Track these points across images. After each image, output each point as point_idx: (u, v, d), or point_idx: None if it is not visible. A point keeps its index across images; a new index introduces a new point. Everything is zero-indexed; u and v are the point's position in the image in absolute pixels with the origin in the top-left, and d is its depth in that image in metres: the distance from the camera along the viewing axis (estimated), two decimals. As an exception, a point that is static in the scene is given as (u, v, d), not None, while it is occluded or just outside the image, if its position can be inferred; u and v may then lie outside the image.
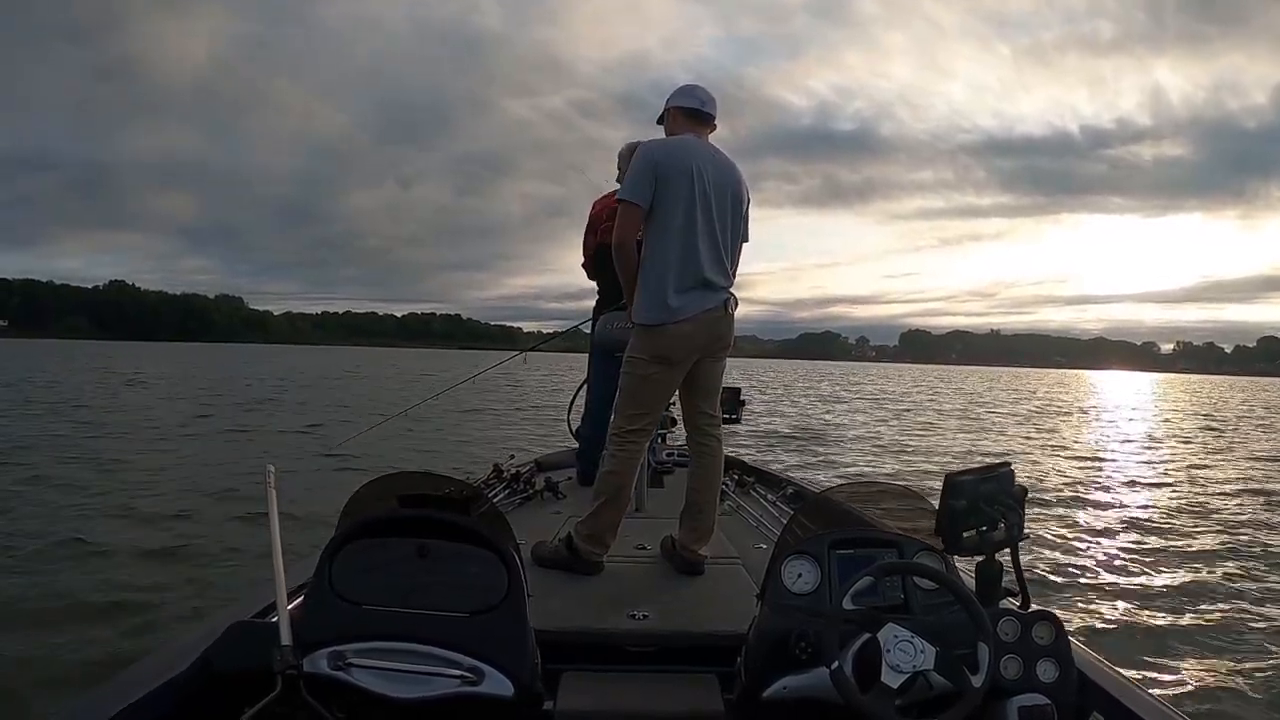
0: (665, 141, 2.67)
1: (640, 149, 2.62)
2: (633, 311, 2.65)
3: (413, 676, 1.39)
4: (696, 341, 2.62)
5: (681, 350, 2.60)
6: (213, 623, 1.63)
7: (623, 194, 2.58)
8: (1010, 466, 1.72)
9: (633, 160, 2.61)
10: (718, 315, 2.64)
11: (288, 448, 10.83)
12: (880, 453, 13.06)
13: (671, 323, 2.55)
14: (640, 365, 2.62)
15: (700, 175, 2.58)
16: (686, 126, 2.72)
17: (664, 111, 2.79)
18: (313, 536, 2.95)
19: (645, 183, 2.55)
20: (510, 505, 3.54)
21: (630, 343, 2.66)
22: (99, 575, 4.70)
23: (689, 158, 2.58)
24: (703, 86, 2.76)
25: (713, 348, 2.68)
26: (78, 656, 3.50)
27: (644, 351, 2.61)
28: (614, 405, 2.72)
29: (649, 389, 2.63)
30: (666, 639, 2.06)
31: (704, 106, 2.72)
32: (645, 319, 2.59)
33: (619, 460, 2.65)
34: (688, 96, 2.73)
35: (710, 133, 2.78)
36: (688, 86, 2.76)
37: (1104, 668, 1.70)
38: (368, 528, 1.55)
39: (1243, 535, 7.12)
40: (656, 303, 2.56)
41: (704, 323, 2.60)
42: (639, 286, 2.63)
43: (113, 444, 10.60)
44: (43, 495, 6.95)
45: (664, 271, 2.56)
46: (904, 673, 1.42)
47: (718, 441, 2.80)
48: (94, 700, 1.42)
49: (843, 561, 1.66)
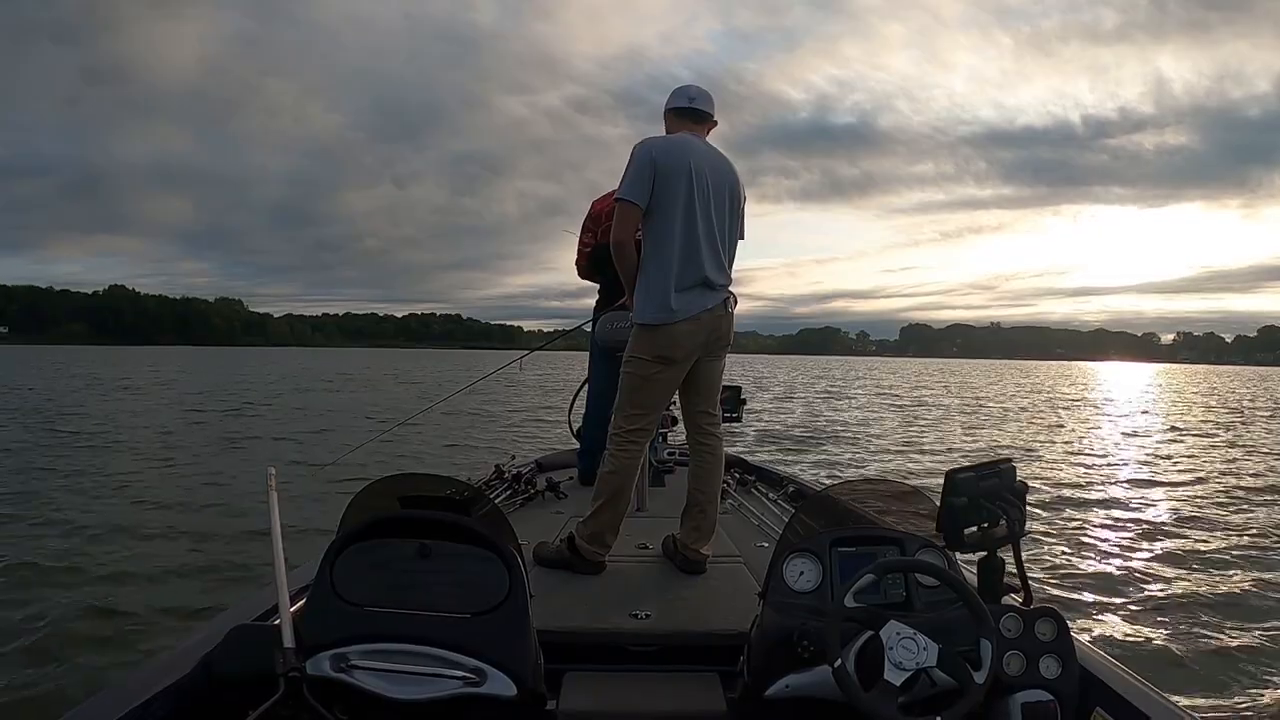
0: (663, 140, 2.67)
1: (638, 148, 2.61)
2: (634, 311, 2.65)
3: (415, 678, 1.39)
4: (698, 340, 2.62)
5: (683, 349, 2.60)
6: (214, 626, 1.63)
7: (622, 193, 2.57)
8: (1011, 462, 1.72)
9: (631, 159, 2.60)
10: (719, 314, 2.64)
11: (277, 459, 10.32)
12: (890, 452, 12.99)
13: (673, 322, 2.55)
14: (641, 365, 2.61)
15: (698, 173, 2.58)
16: (682, 126, 2.72)
17: (665, 114, 2.80)
18: (309, 548, 2.90)
19: (644, 181, 2.55)
20: (512, 506, 3.55)
21: (630, 342, 2.66)
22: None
23: (686, 156, 2.58)
24: (695, 85, 2.77)
25: (713, 347, 2.69)
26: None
27: (645, 351, 2.60)
28: (614, 405, 2.72)
29: (650, 389, 2.63)
30: (669, 638, 2.06)
31: (693, 102, 2.72)
32: (647, 318, 2.58)
33: (619, 461, 2.64)
34: (677, 96, 2.75)
35: (709, 130, 2.78)
36: (681, 87, 2.78)
37: (1107, 663, 1.70)
38: (369, 529, 1.55)
39: (1249, 530, 7.10)
40: (658, 302, 2.56)
41: (705, 321, 2.60)
42: (639, 286, 2.62)
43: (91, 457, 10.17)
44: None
45: (665, 271, 2.55)
46: (907, 670, 1.42)
47: (718, 440, 2.80)
48: (96, 705, 1.42)
49: (844, 559, 1.66)
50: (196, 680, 1.48)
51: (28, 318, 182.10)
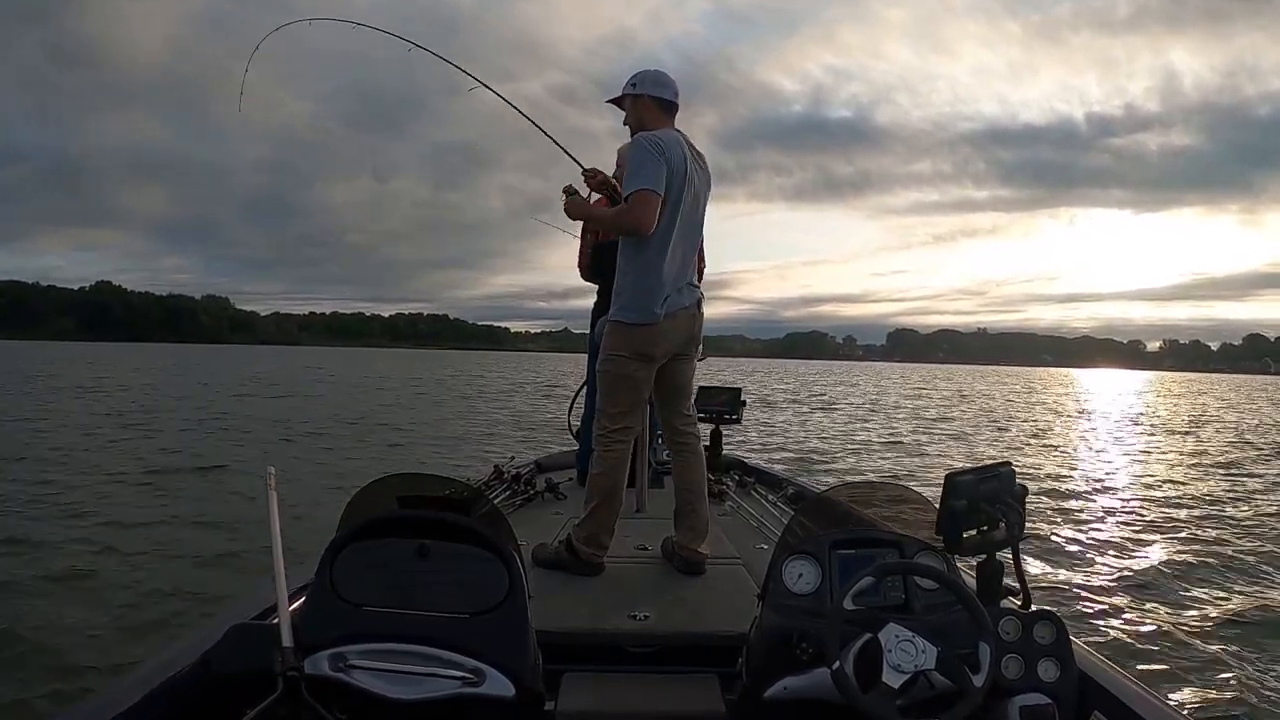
0: (662, 135, 2.60)
1: (647, 140, 2.55)
2: (614, 308, 2.63)
3: (414, 677, 1.39)
4: (677, 339, 2.64)
5: (663, 347, 2.61)
6: (212, 625, 1.62)
7: (646, 183, 2.49)
8: (1010, 466, 1.73)
9: (641, 149, 2.53)
10: (693, 313, 2.68)
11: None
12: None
13: (656, 321, 2.56)
14: (621, 363, 2.61)
15: (688, 175, 2.57)
16: (663, 118, 2.66)
17: (629, 97, 2.69)
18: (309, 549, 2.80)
19: (661, 174, 2.50)
20: (511, 506, 3.55)
21: (607, 341, 2.64)
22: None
23: (681, 155, 2.57)
24: (663, 71, 2.69)
25: (687, 346, 2.72)
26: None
27: (624, 349, 2.60)
28: (596, 406, 2.72)
29: (631, 386, 2.63)
30: (667, 639, 2.06)
31: (677, 99, 2.69)
32: (632, 317, 2.58)
33: (607, 461, 2.64)
34: (663, 87, 2.67)
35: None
36: (659, 74, 2.69)
37: (1105, 667, 1.71)
38: (368, 529, 1.54)
39: (1246, 535, 7.16)
40: (644, 302, 2.56)
41: (682, 320, 2.63)
42: (624, 283, 2.61)
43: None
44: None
45: (654, 270, 2.55)
46: (905, 672, 1.42)
47: (696, 438, 2.83)
48: (94, 703, 1.42)
49: (844, 561, 1.66)
50: (195, 678, 1.47)
51: (15, 313, 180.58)
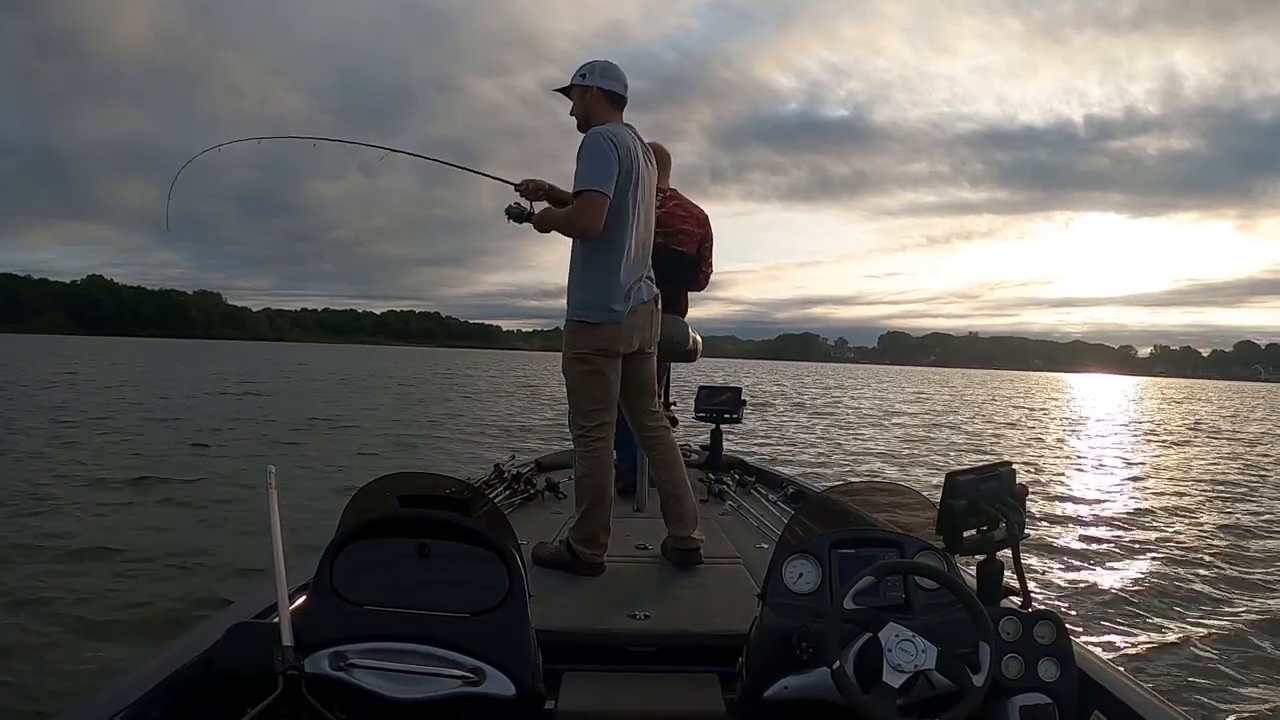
0: (613, 131, 2.55)
1: (599, 136, 2.50)
2: (575, 307, 2.62)
3: (414, 677, 1.38)
4: (641, 336, 2.67)
5: (626, 344, 2.63)
6: (213, 623, 1.62)
7: (593, 183, 2.46)
8: (1011, 466, 1.74)
9: (592, 147, 2.49)
10: (652, 309, 2.71)
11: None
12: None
13: (620, 318, 2.58)
14: (588, 361, 2.61)
15: (640, 172, 2.58)
16: (611, 112, 2.63)
17: (577, 88, 2.64)
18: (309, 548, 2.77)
19: (612, 173, 2.48)
20: (511, 505, 3.54)
21: (572, 340, 2.63)
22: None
23: (634, 152, 2.56)
24: (612, 63, 2.66)
25: (649, 343, 2.73)
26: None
27: (588, 346, 2.60)
28: (570, 408, 2.72)
29: (602, 384, 2.64)
30: (668, 639, 2.06)
31: (626, 92, 2.66)
32: (595, 316, 2.58)
33: (590, 461, 2.65)
34: (613, 80, 2.63)
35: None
36: (609, 66, 2.65)
37: (1105, 667, 1.72)
38: (369, 528, 1.54)
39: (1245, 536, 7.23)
40: (606, 298, 2.57)
41: (642, 315, 2.65)
42: (584, 281, 2.60)
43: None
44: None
45: (614, 266, 2.56)
46: (905, 672, 1.42)
47: (666, 429, 2.84)
48: (95, 701, 1.41)
49: (844, 561, 1.66)
50: (195, 676, 1.47)
51: (5, 306, 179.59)
